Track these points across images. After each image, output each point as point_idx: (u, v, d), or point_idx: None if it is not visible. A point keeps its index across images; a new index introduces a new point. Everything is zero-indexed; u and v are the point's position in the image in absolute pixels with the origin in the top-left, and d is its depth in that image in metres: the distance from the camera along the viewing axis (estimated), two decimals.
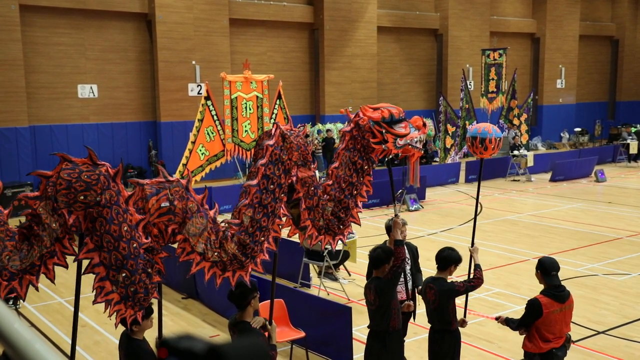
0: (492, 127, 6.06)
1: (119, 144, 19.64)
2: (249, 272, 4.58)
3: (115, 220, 3.82)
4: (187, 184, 4.23)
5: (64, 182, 3.70)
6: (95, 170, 3.78)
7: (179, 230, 4.17)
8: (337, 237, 5.05)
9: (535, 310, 5.10)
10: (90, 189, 3.73)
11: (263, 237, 4.51)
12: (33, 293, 9.51)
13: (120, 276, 3.91)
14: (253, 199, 4.41)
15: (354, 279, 9.86)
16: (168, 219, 4.10)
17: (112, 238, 3.83)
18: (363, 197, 5.11)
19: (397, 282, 5.15)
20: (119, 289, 3.95)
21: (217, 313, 8.60)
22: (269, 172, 4.44)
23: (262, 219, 4.44)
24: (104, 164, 3.87)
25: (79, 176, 3.73)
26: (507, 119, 23.05)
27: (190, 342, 1.16)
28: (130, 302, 4.02)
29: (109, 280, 3.92)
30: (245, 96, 15.78)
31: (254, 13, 21.97)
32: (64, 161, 3.75)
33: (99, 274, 3.90)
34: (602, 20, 32.63)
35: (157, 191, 4.06)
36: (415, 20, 26.26)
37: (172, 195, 4.09)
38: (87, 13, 19.05)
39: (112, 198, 3.81)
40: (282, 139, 4.55)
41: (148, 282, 4.08)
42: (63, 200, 3.71)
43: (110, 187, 3.81)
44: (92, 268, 3.90)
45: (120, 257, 3.88)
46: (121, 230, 3.85)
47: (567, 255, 11.07)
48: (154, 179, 4.20)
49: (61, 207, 3.72)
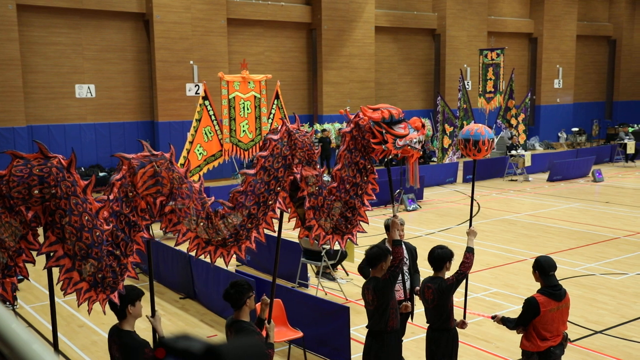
0: (484, 127, 6.08)
1: (116, 143, 19.61)
2: (231, 255, 4.64)
3: (75, 210, 3.83)
4: (171, 157, 4.32)
5: (16, 179, 3.70)
6: (47, 163, 3.79)
7: (167, 202, 4.23)
8: (346, 237, 5.07)
9: (533, 309, 5.12)
10: (43, 182, 3.74)
11: (251, 224, 4.57)
12: (30, 293, 9.52)
13: (87, 265, 3.92)
14: (247, 187, 4.52)
15: (352, 278, 9.86)
16: (156, 191, 4.15)
17: (74, 229, 3.84)
18: (370, 196, 5.12)
19: (395, 282, 5.14)
20: (87, 277, 3.96)
21: (215, 313, 8.59)
22: (267, 164, 4.54)
23: (252, 206, 4.52)
24: (55, 156, 3.88)
25: (31, 171, 3.73)
26: (505, 118, 23.08)
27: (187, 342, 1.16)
28: (100, 287, 4.04)
29: (75, 270, 3.92)
30: (243, 96, 15.77)
31: (252, 13, 21.97)
32: (15, 158, 3.76)
33: (64, 265, 3.90)
34: (600, 20, 32.68)
35: (143, 164, 4.11)
36: (413, 20, 26.27)
37: (158, 166, 4.16)
38: (85, 13, 19.02)
39: (69, 189, 3.82)
40: (288, 136, 4.63)
41: (116, 265, 4.09)
42: (18, 197, 3.71)
43: (65, 179, 3.81)
44: (57, 260, 3.90)
45: (84, 247, 3.89)
46: (82, 220, 3.85)
47: (564, 255, 11.08)
48: (139, 153, 4.24)
49: (18, 204, 3.72)
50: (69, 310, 8.70)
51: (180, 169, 4.38)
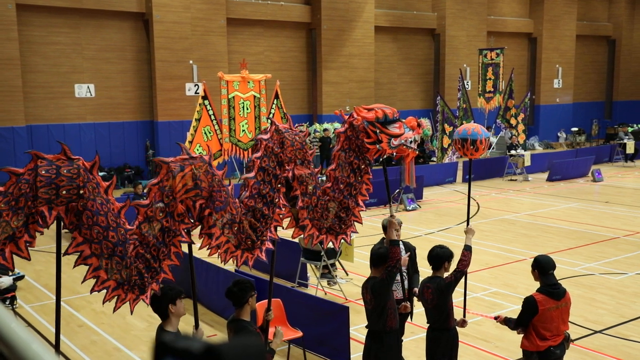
0: (480, 127, 6.20)
1: (116, 143, 19.61)
2: (254, 258, 4.69)
3: (101, 210, 3.89)
4: (210, 160, 4.33)
5: (43, 179, 3.69)
6: (73, 164, 3.81)
7: (206, 205, 4.24)
8: (340, 237, 5.07)
9: (531, 307, 5.12)
10: (72, 183, 3.76)
11: (266, 224, 4.62)
12: (30, 293, 9.51)
13: (113, 263, 3.98)
14: (252, 190, 4.53)
15: (352, 278, 9.86)
16: (195, 194, 4.17)
17: (101, 228, 3.90)
18: (364, 196, 5.13)
19: (392, 282, 5.14)
20: (113, 276, 4.02)
21: (215, 313, 8.59)
22: (264, 164, 4.58)
23: (263, 207, 4.56)
24: (78, 158, 3.90)
25: (58, 171, 3.74)
26: (505, 118, 23.09)
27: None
28: (127, 285, 4.07)
29: (103, 269, 3.99)
30: (243, 96, 15.77)
31: (252, 12, 21.97)
32: (37, 159, 3.75)
33: (92, 264, 3.96)
34: (599, 20, 32.69)
35: (182, 167, 4.13)
36: (412, 20, 26.28)
37: (197, 170, 4.17)
38: (84, 12, 19.02)
39: (94, 190, 3.87)
40: (276, 134, 4.67)
41: (143, 267, 4.11)
42: (44, 197, 3.71)
43: (90, 180, 3.86)
44: (84, 260, 3.95)
45: (110, 246, 3.95)
46: (108, 220, 3.92)
47: (564, 254, 11.09)
48: (178, 156, 4.24)
49: (41, 205, 3.71)
50: (69, 310, 8.69)
51: (218, 172, 4.37)
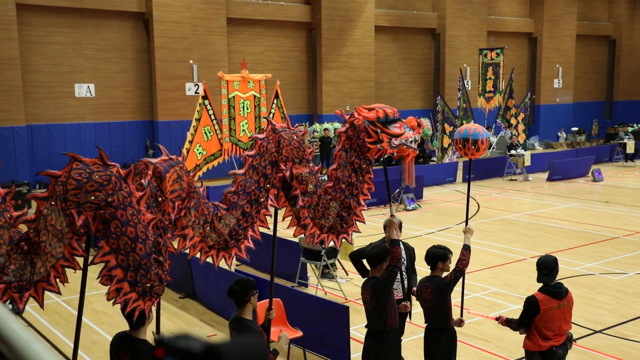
0: (481, 127, 6.24)
1: (116, 143, 19.60)
2: (233, 257, 4.68)
3: (131, 221, 3.77)
4: (183, 160, 4.37)
5: (74, 182, 3.65)
6: (107, 170, 3.74)
7: (183, 205, 4.26)
8: (341, 236, 5.08)
9: (533, 307, 5.11)
10: (101, 190, 3.68)
11: (246, 223, 4.62)
12: None
13: (138, 276, 3.87)
14: (238, 187, 4.58)
15: (352, 278, 9.86)
16: (177, 195, 4.18)
17: (129, 240, 3.78)
18: (365, 195, 5.13)
19: (392, 281, 5.14)
20: (137, 289, 3.91)
21: (215, 313, 8.59)
22: (255, 162, 4.61)
23: (245, 205, 4.57)
24: (114, 164, 3.82)
25: (90, 176, 3.68)
26: (505, 118, 23.09)
27: (187, 341, 1.16)
28: (148, 296, 4.02)
29: (126, 281, 3.86)
30: (243, 95, 15.77)
31: (252, 12, 21.97)
32: (74, 161, 3.71)
33: (117, 276, 3.84)
34: (599, 19, 32.68)
35: (168, 168, 4.14)
36: (412, 19, 26.27)
37: (180, 170, 4.20)
38: (84, 12, 19.02)
39: (125, 199, 3.75)
40: (273, 134, 4.70)
41: (161, 272, 4.06)
42: (73, 201, 3.65)
43: (122, 188, 3.75)
44: (109, 271, 3.83)
45: (137, 258, 3.83)
46: (137, 232, 3.80)
47: (564, 254, 11.08)
48: (159, 157, 4.25)
49: (71, 208, 3.66)
50: (69, 310, 8.69)
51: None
